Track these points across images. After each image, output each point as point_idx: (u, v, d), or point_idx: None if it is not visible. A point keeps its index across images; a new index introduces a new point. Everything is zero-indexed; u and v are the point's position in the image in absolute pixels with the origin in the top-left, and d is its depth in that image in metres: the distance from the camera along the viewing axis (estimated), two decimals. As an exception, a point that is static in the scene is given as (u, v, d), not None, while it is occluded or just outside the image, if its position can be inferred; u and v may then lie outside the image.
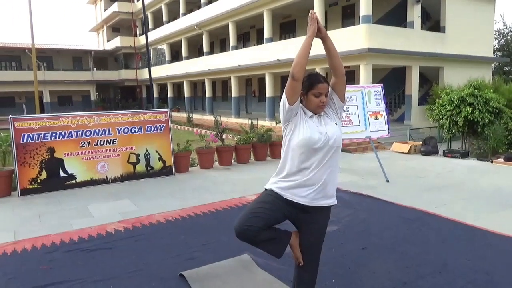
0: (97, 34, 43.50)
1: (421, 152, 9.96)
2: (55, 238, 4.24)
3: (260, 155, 9.05)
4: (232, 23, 20.81)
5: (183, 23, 25.43)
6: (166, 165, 7.53)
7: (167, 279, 3.23)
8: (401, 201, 5.52)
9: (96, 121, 6.81)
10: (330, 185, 2.22)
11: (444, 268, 3.34)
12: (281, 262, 3.30)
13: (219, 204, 5.52)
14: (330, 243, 3.90)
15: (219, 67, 21.62)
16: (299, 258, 2.28)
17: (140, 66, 34.67)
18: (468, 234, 4.21)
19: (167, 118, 7.53)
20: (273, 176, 2.31)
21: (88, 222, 4.85)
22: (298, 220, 2.27)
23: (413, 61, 14.29)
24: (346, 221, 4.66)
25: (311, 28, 2.14)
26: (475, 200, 5.62)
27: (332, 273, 3.28)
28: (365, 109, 7.18)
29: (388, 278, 3.19)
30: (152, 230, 4.49)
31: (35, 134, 6.31)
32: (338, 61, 2.22)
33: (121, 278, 3.27)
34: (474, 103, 10.02)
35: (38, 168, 6.37)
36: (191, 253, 3.76)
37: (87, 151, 6.77)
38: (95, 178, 6.86)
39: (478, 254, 3.65)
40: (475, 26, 16.20)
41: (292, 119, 2.18)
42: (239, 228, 2.14)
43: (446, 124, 10.55)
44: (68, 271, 3.41)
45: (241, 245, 3.49)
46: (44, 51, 33.75)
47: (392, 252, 3.73)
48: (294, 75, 2.08)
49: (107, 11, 36.22)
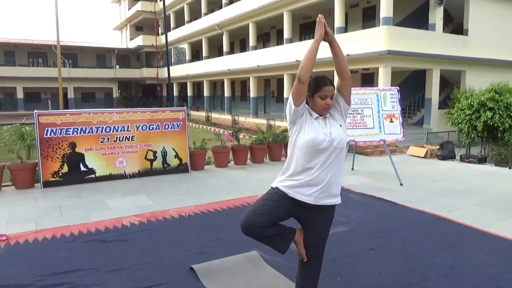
0: (120, 32, 44.40)
1: (437, 156, 9.85)
2: (73, 229, 4.44)
3: (275, 155, 9.14)
4: (252, 24, 20.94)
5: (204, 22, 25.72)
6: (182, 163, 7.70)
7: (178, 272, 3.36)
8: (414, 204, 5.52)
9: (116, 118, 7.03)
10: (334, 185, 2.29)
11: (451, 271, 3.35)
12: (289, 259, 3.39)
13: (232, 202, 5.64)
14: (339, 243, 3.97)
15: (239, 67, 21.78)
16: (303, 254, 2.36)
17: (161, 65, 35.21)
18: (479, 239, 4.19)
19: (184, 116, 7.70)
20: (279, 175, 2.39)
21: (105, 215, 5.04)
22: (302, 218, 2.35)
23: (434, 64, 14.10)
24: (356, 222, 4.70)
25: (318, 32, 2.21)
26: (490, 205, 5.56)
27: (339, 272, 3.34)
28: (380, 112, 7.17)
29: (393, 279, 3.23)
30: (165, 224, 4.64)
31: (58, 129, 6.56)
32: (344, 65, 2.29)
33: (134, 268, 3.42)
34: (494, 107, 9.85)
35: (60, 162, 6.63)
36: (202, 248, 3.88)
37: (107, 146, 6.99)
38: (114, 173, 7.08)
39: (486, 259, 3.64)
40: (500, 29, 15.84)
41: (298, 120, 2.27)
42: (245, 223, 2.23)
43: (465, 129, 10.40)
44: (84, 260, 3.58)
45: (251, 242, 3.59)
46: (69, 48, 34.70)
47: (399, 254, 3.76)
48: (301, 77, 2.16)
49: (131, 10, 36.93)
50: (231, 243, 3.98)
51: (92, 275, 3.28)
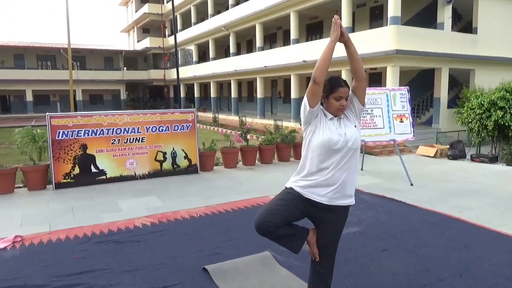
0: (127, 34, 44.71)
1: (447, 156, 9.78)
2: (87, 230, 4.48)
3: (283, 156, 9.14)
4: (259, 24, 20.97)
5: (210, 24, 25.81)
6: (191, 164, 7.73)
7: (191, 272, 3.38)
8: (425, 204, 5.48)
9: (126, 119, 7.09)
10: (349, 186, 2.29)
11: (465, 272, 3.33)
12: (301, 260, 3.39)
13: (243, 202, 5.65)
14: (351, 244, 3.96)
15: (245, 68, 21.82)
16: (315, 254, 2.37)
17: (168, 66, 35.39)
18: (492, 239, 4.16)
19: (193, 118, 7.73)
20: (293, 175, 2.40)
21: (117, 216, 5.09)
22: (316, 218, 2.35)
23: (442, 63, 14.01)
24: (368, 222, 4.69)
25: (334, 33, 2.21)
26: (502, 205, 5.51)
27: (352, 272, 3.33)
28: (390, 112, 7.14)
29: (407, 280, 3.22)
30: (177, 225, 4.66)
31: (70, 131, 6.63)
32: (359, 65, 2.29)
33: (148, 269, 3.44)
34: (505, 106, 9.75)
35: (72, 164, 6.69)
36: (214, 249, 3.90)
37: (117, 148, 7.05)
38: (124, 174, 7.13)
39: (501, 260, 3.61)
40: (509, 27, 15.69)
41: (312, 121, 2.27)
42: (259, 223, 2.24)
43: (475, 128, 10.32)
44: (98, 261, 3.61)
45: (263, 243, 3.61)
46: (77, 51, 35.01)
47: (412, 254, 3.74)
48: (316, 78, 2.17)
49: (138, 12, 37.19)
50: (243, 244, 3.99)
51: (107, 275, 3.31)
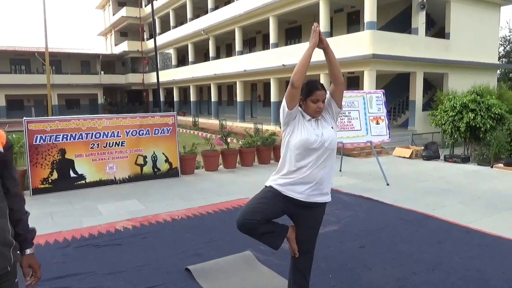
0: (105, 38, 44.10)
1: (422, 157, 10.09)
2: (66, 234, 4.45)
3: (264, 158, 9.24)
4: (238, 29, 21.09)
5: (190, 28, 25.78)
6: (172, 167, 7.73)
7: (174, 273, 3.42)
8: (401, 203, 5.67)
9: (105, 123, 7.05)
10: (325, 183, 2.40)
11: (438, 266, 3.49)
12: (282, 258, 3.48)
13: (224, 204, 5.71)
14: (329, 242, 4.09)
15: (225, 71, 21.88)
16: (295, 250, 2.46)
17: (147, 70, 35.10)
18: (464, 235, 4.35)
19: (174, 122, 7.75)
20: (273, 174, 2.50)
21: (97, 220, 5.06)
22: (295, 215, 2.45)
23: (417, 67, 14.44)
24: (346, 221, 4.83)
25: (313, 40, 2.32)
26: (473, 203, 5.76)
27: (330, 269, 3.45)
28: (367, 114, 7.34)
29: (383, 274, 3.35)
30: (159, 228, 4.68)
31: (47, 135, 6.54)
32: (337, 70, 2.41)
33: (130, 271, 3.46)
34: (476, 109, 10.13)
35: (50, 169, 6.60)
36: (196, 250, 3.95)
37: (97, 152, 6.99)
38: (104, 178, 7.08)
39: (471, 254, 3.80)
40: (480, 33, 16.31)
41: (291, 122, 2.38)
42: (241, 220, 2.33)
43: (448, 130, 10.67)
44: (80, 265, 3.61)
45: (244, 242, 3.70)
46: (53, 54, 34.21)
47: (388, 251, 3.89)
48: (294, 83, 2.27)
49: (116, 15, 36.75)
50: (224, 244, 4.05)
51: (89, 279, 3.32)
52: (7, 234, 1.57)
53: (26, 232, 1.70)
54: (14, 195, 1.65)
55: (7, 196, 1.63)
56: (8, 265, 1.56)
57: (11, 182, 1.64)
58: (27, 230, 1.71)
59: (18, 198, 1.68)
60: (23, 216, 1.70)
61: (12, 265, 1.59)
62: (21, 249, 1.69)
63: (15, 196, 1.66)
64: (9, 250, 1.57)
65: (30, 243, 1.71)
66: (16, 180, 1.68)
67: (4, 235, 1.55)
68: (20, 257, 1.68)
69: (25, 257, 1.69)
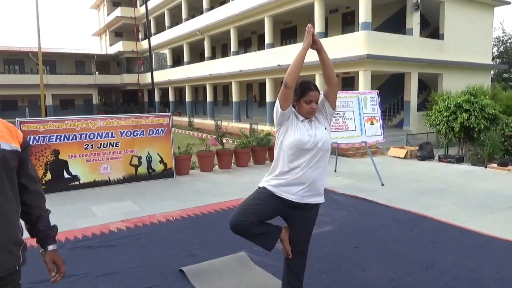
0: (99, 38, 43.92)
1: (417, 157, 10.13)
2: (60, 236, 4.40)
3: (259, 159, 9.24)
4: (234, 29, 21.08)
5: (185, 28, 25.74)
6: (167, 168, 7.71)
7: (168, 274, 3.41)
8: (395, 203, 5.69)
9: (99, 124, 7.01)
10: (319, 184, 2.40)
11: (431, 266, 3.51)
12: (276, 259, 3.48)
13: (219, 205, 5.70)
14: (324, 242, 4.09)
15: (220, 72, 21.86)
16: (288, 251, 2.46)
17: (142, 71, 35.00)
18: (457, 235, 4.37)
19: (168, 122, 7.72)
20: (266, 175, 2.49)
21: (91, 221, 5.03)
22: (288, 216, 2.45)
23: (412, 67, 14.50)
24: (340, 222, 4.83)
25: (306, 41, 2.31)
26: (467, 203, 5.78)
27: (324, 269, 3.45)
28: (361, 115, 7.37)
29: (377, 275, 3.36)
30: (153, 229, 4.67)
31: (41, 136, 6.50)
32: (331, 71, 2.41)
33: (124, 273, 3.45)
34: (470, 109, 10.19)
35: (43, 170, 6.56)
36: (191, 251, 3.94)
37: (91, 153, 6.96)
38: (98, 179, 7.04)
39: (465, 254, 3.81)
40: (474, 33, 16.42)
41: (284, 123, 2.37)
42: (234, 222, 2.32)
43: (442, 130, 10.72)
44: (73, 266, 3.58)
45: (239, 243, 3.69)
46: (47, 55, 34.08)
47: (382, 251, 3.90)
48: (287, 83, 2.27)
49: (110, 15, 36.61)
50: (219, 245, 4.04)
51: (83, 280, 3.30)
52: (18, 233, 1.59)
53: (48, 229, 1.73)
54: (33, 192, 1.67)
55: (26, 193, 1.65)
56: (17, 264, 1.58)
57: (29, 180, 1.66)
58: (49, 226, 1.74)
59: (37, 195, 1.70)
60: (44, 213, 1.73)
61: (20, 264, 1.60)
62: (43, 245, 1.72)
63: (35, 193, 1.68)
64: (19, 249, 1.58)
65: (52, 239, 1.73)
66: (34, 178, 1.69)
67: (15, 234, 1.57)
68: (44, 253, 1.72)
69: (48, 253, 1.72)
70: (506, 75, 26.19)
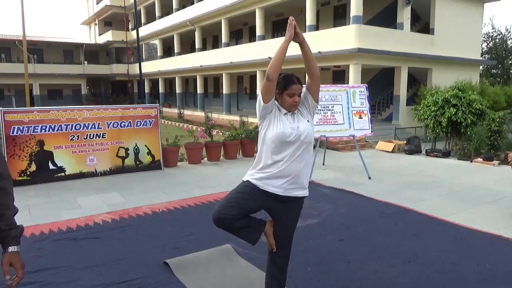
0: (88, 27, 43.20)
1: (404, 151, 10.22)
2: (43, 227, 4.37)
3: (248, 151, 9.23)
4: (225, 20, 20.90)
5: (175, 18, 25.44)
6: (155, 160, 7.66)
7: (152, 267, 3.40)
8: (381, 197, 5.74)
9: (86, 115, 6.92)
10: (302, 178, 2.40)
11: (414, 259, 3.55)
12: (261, 251, 3.47)
13: (206, 197, 5.69)
14: (309, 235, 4.11)
15: (211, 63, 21.69)
16: (272, 244, 2.46)
17: (132, 61, 34.58)
18: (440, 228, 4.43)
19: (156, 113, 7.66)
20: (250, 168, 2.48)
21: (76, 213, 4.99)
22: (272, 209, 2.44)
23: (402, 62, 14.54)
24: (326, 215, 4.86)
25: (288, 33, 2.29)
26: (452, 197, 5.86)
27: (309, 262, 3.47)
28: (350, 108, 7.38)
29: (360, 267, 3.39)
30: (139, 221, 4.64)
31: (25, 127, 6.40)
32: (313, 64, 2.40)
33: (108, 265, 3.42)
34: (457, 104, 10.28)
35: (28, 161, 6.47)
36: (176, 243, 3.93)
37: (77, 144, 6.88)
38: (84, 171, 6.97)
39: (447, 247, 3.86)
40: (464, 29, 16.50)
41: (267, 116, 2.36)
42: (217, 215, 2.31)
43: (430, 124, 10.81)
44: (56, 259, 3.55)
45: (224, 236, 3.66)
46: (34, 43, 33.49)
47: (367, 243, 3.93)
48: (269, 76, 2.25)
49: (99, 4, 36.02)
50: (205, 238, 4.04)
51: (65, 272, 3.27)
52: None
53: (9, 228, 1.60)
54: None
55: None
56: None
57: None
58: (11, 226, 1.62)
59: (3, 192, 1.60)
60: (7, 211, 1.61)
61: None
62: (4, 245, 1.60)
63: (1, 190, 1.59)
64: None
65: (13, 240, 1.61)
66: (1, 175, 1.60)
67: None
68: (3, 254, 1.60)
69: (6, 254, 1.60)
70: (495, 71, 26.48)
